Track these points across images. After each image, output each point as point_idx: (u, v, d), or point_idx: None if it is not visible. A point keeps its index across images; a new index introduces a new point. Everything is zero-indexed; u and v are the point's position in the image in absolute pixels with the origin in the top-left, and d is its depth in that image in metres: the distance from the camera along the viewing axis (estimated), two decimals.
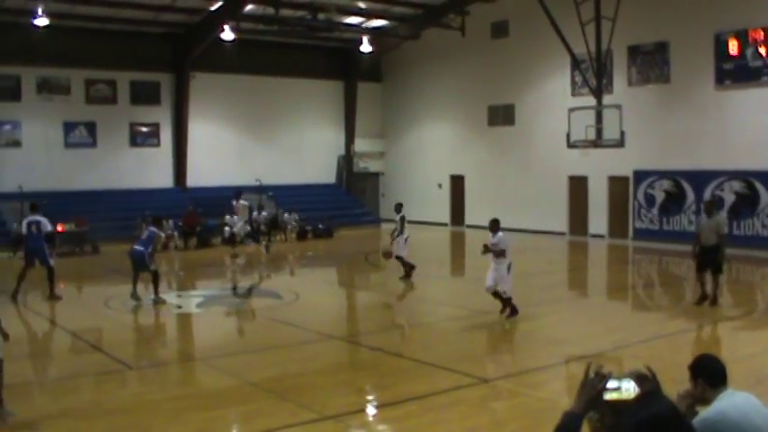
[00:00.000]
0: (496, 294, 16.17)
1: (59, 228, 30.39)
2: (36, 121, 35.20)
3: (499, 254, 16.10)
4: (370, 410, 10.58)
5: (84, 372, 12.85)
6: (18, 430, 9.69)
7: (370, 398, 11.18)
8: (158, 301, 18.55)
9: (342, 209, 40.17)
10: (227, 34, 34.76)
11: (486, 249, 16.25)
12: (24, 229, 20.62)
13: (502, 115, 37.04)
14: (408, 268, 22.39)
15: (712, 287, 17.13)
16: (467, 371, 11.79)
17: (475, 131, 38.60)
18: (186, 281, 25.81)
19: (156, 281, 18.72)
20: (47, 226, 20.42)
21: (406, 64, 42.04)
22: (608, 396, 3.72)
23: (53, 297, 19.67)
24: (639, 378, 3.77)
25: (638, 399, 3.70)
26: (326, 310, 19.16)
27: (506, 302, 16.08)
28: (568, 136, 29.28)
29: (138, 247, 18.91)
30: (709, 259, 17.00)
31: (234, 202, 29.80)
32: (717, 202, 23.94)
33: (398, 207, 23.08)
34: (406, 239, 22.46)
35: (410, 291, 21.48)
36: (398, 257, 22.47)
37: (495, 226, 16.63)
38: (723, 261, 17.20)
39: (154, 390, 11.62)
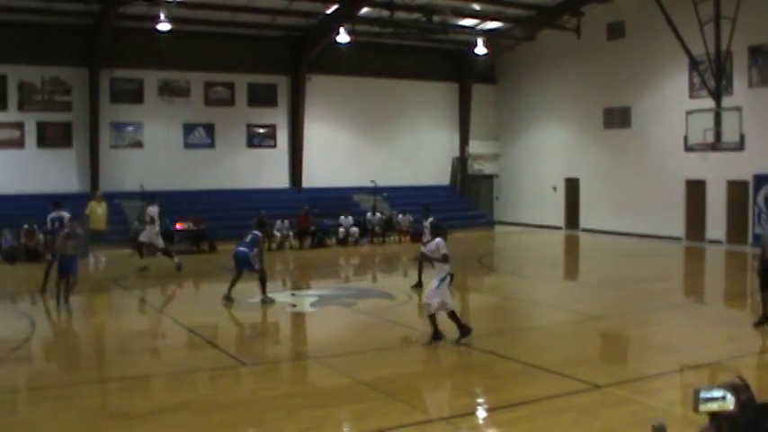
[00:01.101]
0: (433, 318, 14.13)
1: (178, 226, 31.14)
2: (157, 122, 36.17)
3: (441, 261, 14.50)
4: (481, 413, 10.56)
5: (200, 367, 13.16)
6: (136, 419, 9.97)
7: (481, 400, 11.15)
8: (267, 301, 18.69)
9: (456, 211, 40.04)
10: (343, 37, 35.07)
11: (424, 258, 15.42)
12: (48, 225, 21.32)
13: (618, 118, 36.48)
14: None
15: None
16: (579, 376, 11.66)
17: (590, 134, 38.12)
18: (300, 280, 26.16)
19: (263, 281, 18.83)
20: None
21: (520, 66, 41.80)
22: (709, 407, 3.66)
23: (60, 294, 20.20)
24: (735, 388, 3.70)
25: (744, 408, 3.63)
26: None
27: (457, 321, 14.23)
28: (686, 139, 28.78)
29: (242, 249, 19.07)
30: None
31: (149, 209, 26.52)
32: None
33: (427, 212, 22.53)
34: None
35: (523, 294, 21.33)
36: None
37: (435, 231, 15.69)
38: None
39: (267, 386, 11.81)
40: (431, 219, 21.54)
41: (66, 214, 21.47)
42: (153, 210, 25.50)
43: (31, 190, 32.85)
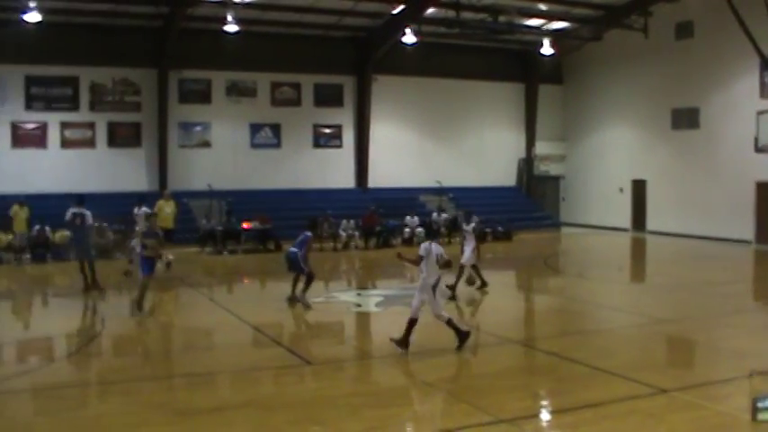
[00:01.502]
0: (410, 326, 13.52)
1: (245, 225, 31.42)
2: (224, 122, 36.57)
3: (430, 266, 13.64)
4: (545, 415, 10.51)
5: (265, 365, 13.29)
6: (201, 415, 10.10)
7: (544, 403, 11.10)
8: (305, 304, 18.34)
9: (521, 212, 39.94)
10: (409, 37, 35.11)
11: (405, 259, 14.61)
12: (68, 217, 21.58)
13: (686, 118, 36.00)
14: (474, 281, 20.93)
15: None
16: (644, 380, 11.54)
17: (658, 135, 37.67)
18: (366, 280, 26.25)
19: (308, 283, 18.59)
20: (89, 219, 21.36)
21: (587, 66, 41.46)
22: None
23: (94, 288, 20.78)
24: None
25: None
26: (504, 312, 19.11)
27: (454, 327, 13.65)
28: (756, 140, 28.31)
29: (292, 249, 18.92)
30: None
31: (135, 210, 25.75)
32: None
33: (468, 217, 22.08)
34: (472, 250, 20.86)
35: (588, 296, 21.18)
36: (473, 266, 20.83)
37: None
38: None
39: (331, 385, 11.88)
40: (472, 224, 21.47)
41: (86, 212, 21.73)
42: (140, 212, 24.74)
43: (102, 189, 33.40)
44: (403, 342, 13.31)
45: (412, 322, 13.35)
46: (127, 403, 10.87)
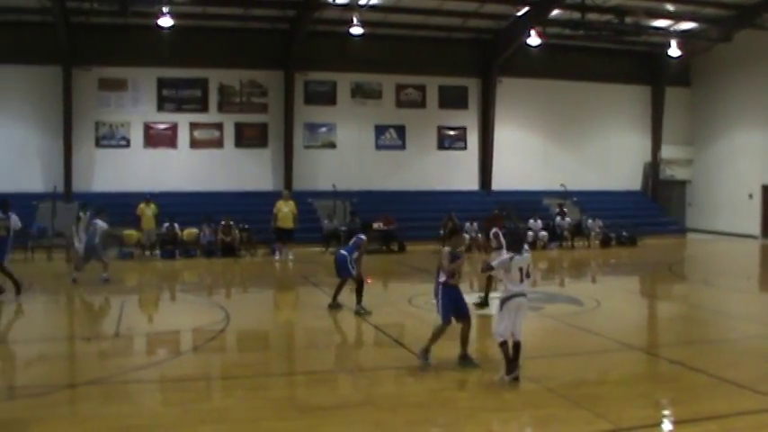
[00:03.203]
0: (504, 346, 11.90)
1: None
2: (350, 123, 37.00)
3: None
4: (667, 425, 10.27)
5: (386, 365, 13.37)
6: (322, 412, 10.23)
7: (666, 413, 10.84)
8: (361, 312, 17.52)
9: (646, 217, 39.26)
10: (533, 39, 34.85)
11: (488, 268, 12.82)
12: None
13: None
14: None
15: None
16: None
17: None
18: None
19: (359, 291, 17.77)
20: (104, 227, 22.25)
21: (716, 68, 40.38)
22: None
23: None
24: None
25: None
26: (627, 318, 18.80)
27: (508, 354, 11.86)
28: None
29: (342, 252, 18.22)
30: None
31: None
32: None
33: (504, 217, 20.55)
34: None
35: (714, 304, 20.69)
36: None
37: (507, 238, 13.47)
38: None
39: (451, 387, 11.87)
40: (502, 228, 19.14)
41: (100, 222, 22.48)
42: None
43: (229, 188, 34.18)
44: (512, 367, 11.71)
45: (509, 345, 11.86)
46: (249, 398, 11.09)
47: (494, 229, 18.20)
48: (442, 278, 12.45)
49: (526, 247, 11.95)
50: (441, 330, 12.50)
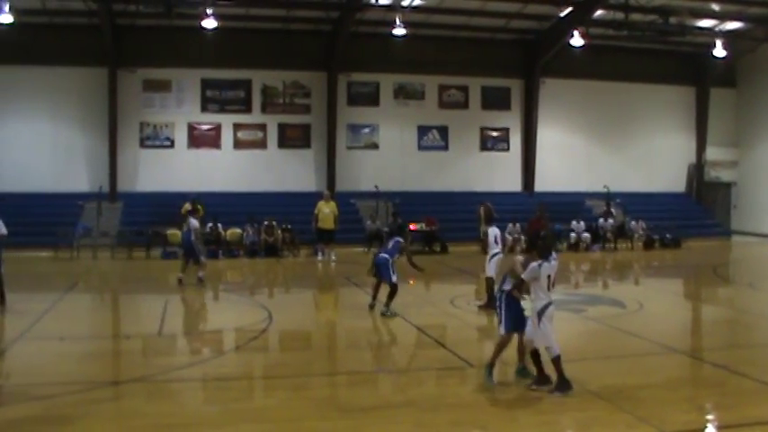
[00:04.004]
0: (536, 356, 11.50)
1: (411, 226, 31.67)
2: (392, 124, 37.03)
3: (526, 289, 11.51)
4: (710, 430, 10.17)
5: (428, 366, 13.36)
6: (363, 412, 10.24)
7: (710, 417, 10.68)
8: (387, 314, 17.33)
9: (691, 219, 38.90)
10: (577, 40, 34.67)
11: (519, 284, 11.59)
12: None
13: None
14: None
15: None
16: None
17: None
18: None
19: (392, 294, 17.54)
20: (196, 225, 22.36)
21: (763, 68, 39.90)
22: None
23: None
24: None
25: None
26: (670, 321, 18.60)
27: (538, 365, 11.48)
28: None
29: (383, 255, 18.00)
30: None
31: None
32: None
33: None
34: (491, 258, 17.55)
35: (760, 307, 20.42)
36: (488, 278, 17.74)
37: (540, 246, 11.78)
38: None
39: (492, 388, 11.84)
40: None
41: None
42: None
43: (272, 188, 34.34)
44: (543, 379, 11.42)
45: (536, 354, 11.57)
46: (291, 398, 11.12)
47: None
48: (508, 286, 11.75)
49: (554, 255, 11.62)
50: (504, 342, 11.91)
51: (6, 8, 29.90)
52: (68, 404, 10.33)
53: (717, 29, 37.20)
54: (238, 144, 36.23)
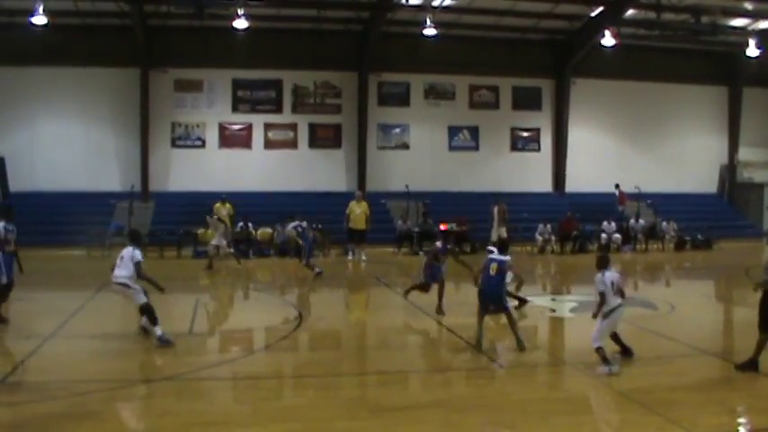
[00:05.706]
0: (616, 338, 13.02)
1: (442, 227, 31.65)
2: (423, 124, 37.04)
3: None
4: None
5: (458, 366, 13.39)
6: (392, 412, 10.25)
7: (742, 420, 10.61)
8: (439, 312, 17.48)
9: (722, 220, 38.59)
10: (608, 40, 34.48)
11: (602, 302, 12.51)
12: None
13: None
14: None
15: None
16: None
17: None
18: (561, 285, 25.98)
19: (420, 287, 18.06)
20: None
21: None
22: None
23: None
24: None
25: None
26: (702, 323, 18.49)
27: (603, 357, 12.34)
28: None
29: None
30: None
31: (207, 218, 27.89)
32: None
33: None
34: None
35: None
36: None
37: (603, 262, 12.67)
38: None
39: (522, 390, 11.81)
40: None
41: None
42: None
43: (303, 188, 34.43)
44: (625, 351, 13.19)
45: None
46: (320, 397, 11.16)
47: None
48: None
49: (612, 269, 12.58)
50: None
51: (40, 10, 30.18)
52: (100, 401, 10.41)
53: (749, 28, 36.85)
54: (269, 144, 36.37)
